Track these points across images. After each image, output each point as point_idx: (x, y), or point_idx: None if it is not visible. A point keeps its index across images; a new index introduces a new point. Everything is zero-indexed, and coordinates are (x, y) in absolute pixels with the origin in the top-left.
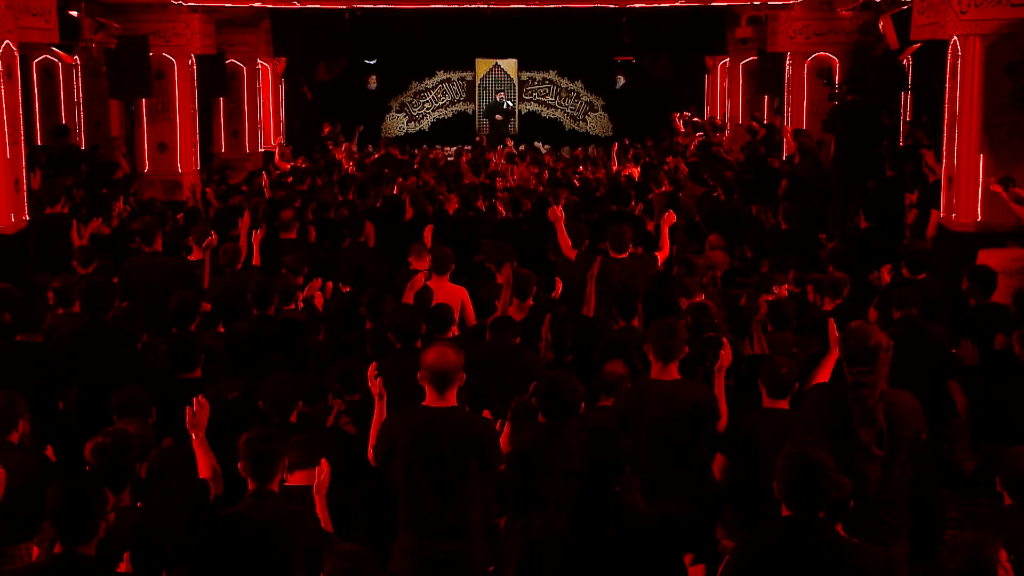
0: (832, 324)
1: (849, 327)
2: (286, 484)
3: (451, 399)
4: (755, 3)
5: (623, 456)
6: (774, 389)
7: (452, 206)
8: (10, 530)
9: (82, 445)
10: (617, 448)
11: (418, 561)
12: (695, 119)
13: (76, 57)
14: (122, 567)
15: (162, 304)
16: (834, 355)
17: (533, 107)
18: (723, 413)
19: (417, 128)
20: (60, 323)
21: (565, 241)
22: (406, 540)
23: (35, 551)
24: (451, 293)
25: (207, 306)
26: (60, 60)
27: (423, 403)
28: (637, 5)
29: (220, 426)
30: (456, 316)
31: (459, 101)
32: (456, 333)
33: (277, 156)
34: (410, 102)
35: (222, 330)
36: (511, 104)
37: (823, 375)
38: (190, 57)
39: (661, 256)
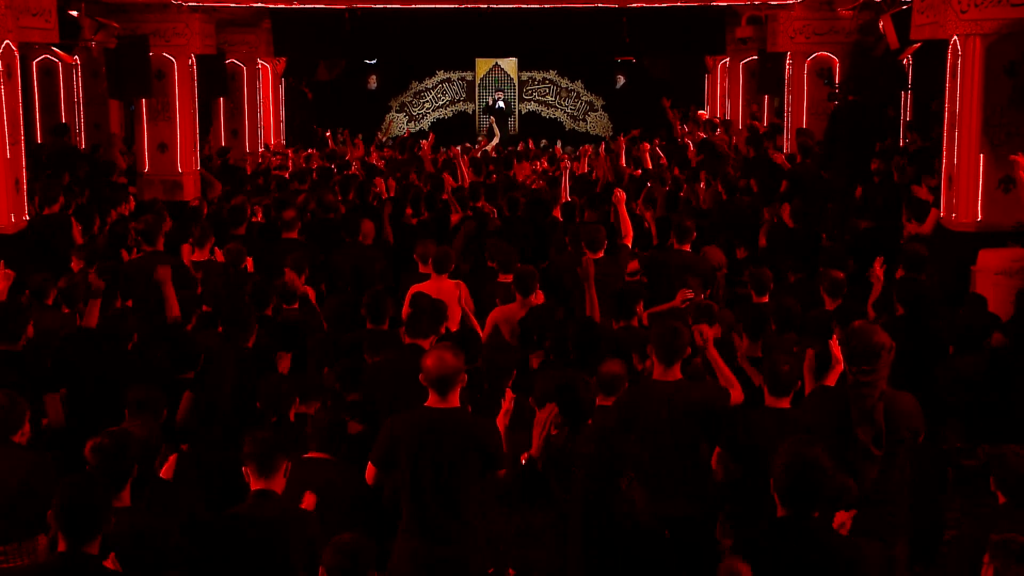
0: (835, 343)
1: (852, 326)
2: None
3: (453, 400)
4: (755, 3)
5: (625, 457)
6: (776, 387)
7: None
8: (12, 530)
9: (71, 447)
10: (618, 449)
11: (418, 563)
12: (700, 114)
13: (76, 57)
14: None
15: (162, 304)
16: (839, 368)
17: (533, 107)
18: (735, 388)
19: (417, 128)
20: (59, 324)
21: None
22: (406, 542)
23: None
24: (449, 290)
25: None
26: (60, 60)
27: (425, 404)
28: (637, 5)
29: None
30: (458, 312)
31: (459, 101)
32: (454, 329)
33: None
34: (410, 102)
35: (221, 330)
36: (502, 106)
37: (828, 381)
38: (190, 57)
39: (628, 241)
